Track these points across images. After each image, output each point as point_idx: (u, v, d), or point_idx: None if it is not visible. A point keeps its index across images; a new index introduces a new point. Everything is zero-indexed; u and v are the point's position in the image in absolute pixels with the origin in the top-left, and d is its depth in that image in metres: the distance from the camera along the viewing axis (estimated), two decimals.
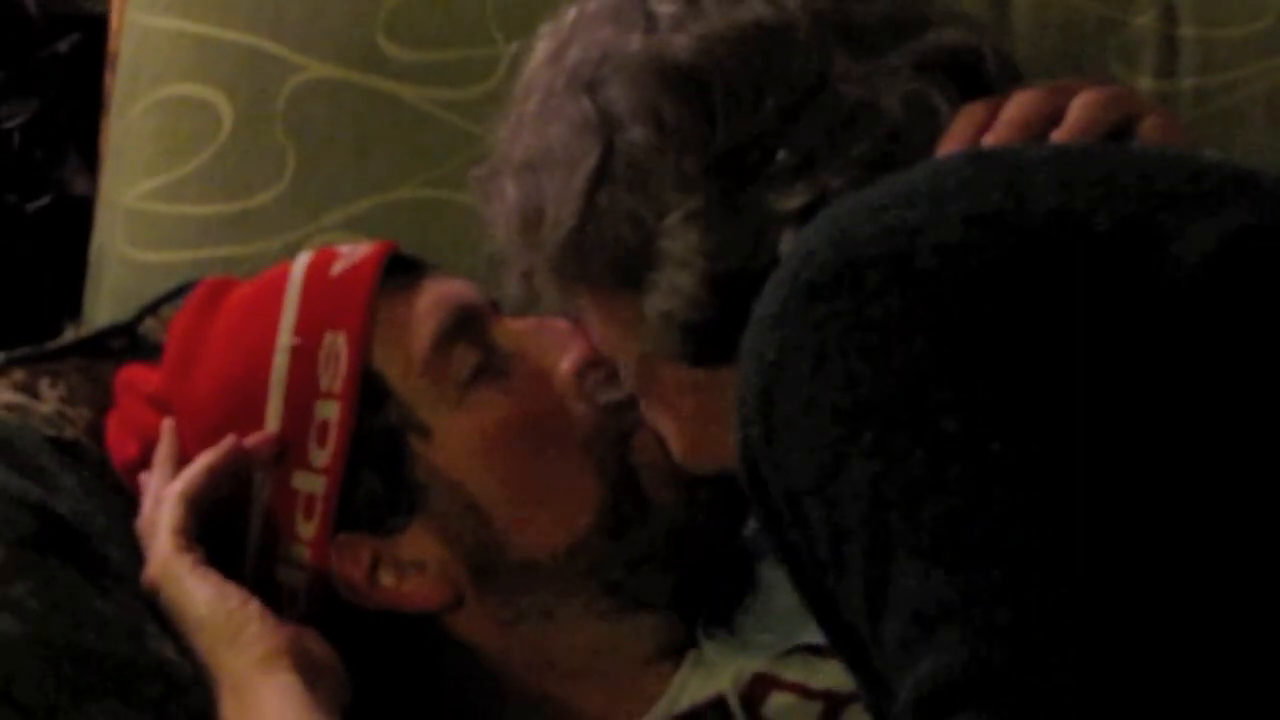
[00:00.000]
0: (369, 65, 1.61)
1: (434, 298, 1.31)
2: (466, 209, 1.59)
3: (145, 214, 1.62)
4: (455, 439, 1.27)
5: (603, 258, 1.15)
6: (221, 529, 1.28)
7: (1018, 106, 1.09)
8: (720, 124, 1.12)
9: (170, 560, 1.25)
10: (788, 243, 1.09)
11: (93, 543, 1.24)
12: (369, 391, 1.28)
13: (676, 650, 1.30)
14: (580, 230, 1.15)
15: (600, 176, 1.14)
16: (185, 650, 1.21)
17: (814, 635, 1.25)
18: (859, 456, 0.88)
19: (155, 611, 1.23)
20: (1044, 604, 0.84)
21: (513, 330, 1.31)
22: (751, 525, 1.33)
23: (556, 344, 1.29)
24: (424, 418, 1.28)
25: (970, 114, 1.10)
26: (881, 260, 0.91)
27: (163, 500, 1.28)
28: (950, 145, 1.09)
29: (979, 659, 0.84)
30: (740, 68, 1.12)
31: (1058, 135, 1.07)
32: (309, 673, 1.20)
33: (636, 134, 1.13)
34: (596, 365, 1.27)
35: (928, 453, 0.87)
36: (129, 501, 1.32)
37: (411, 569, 1.29)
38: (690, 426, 1.20)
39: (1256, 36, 1.54)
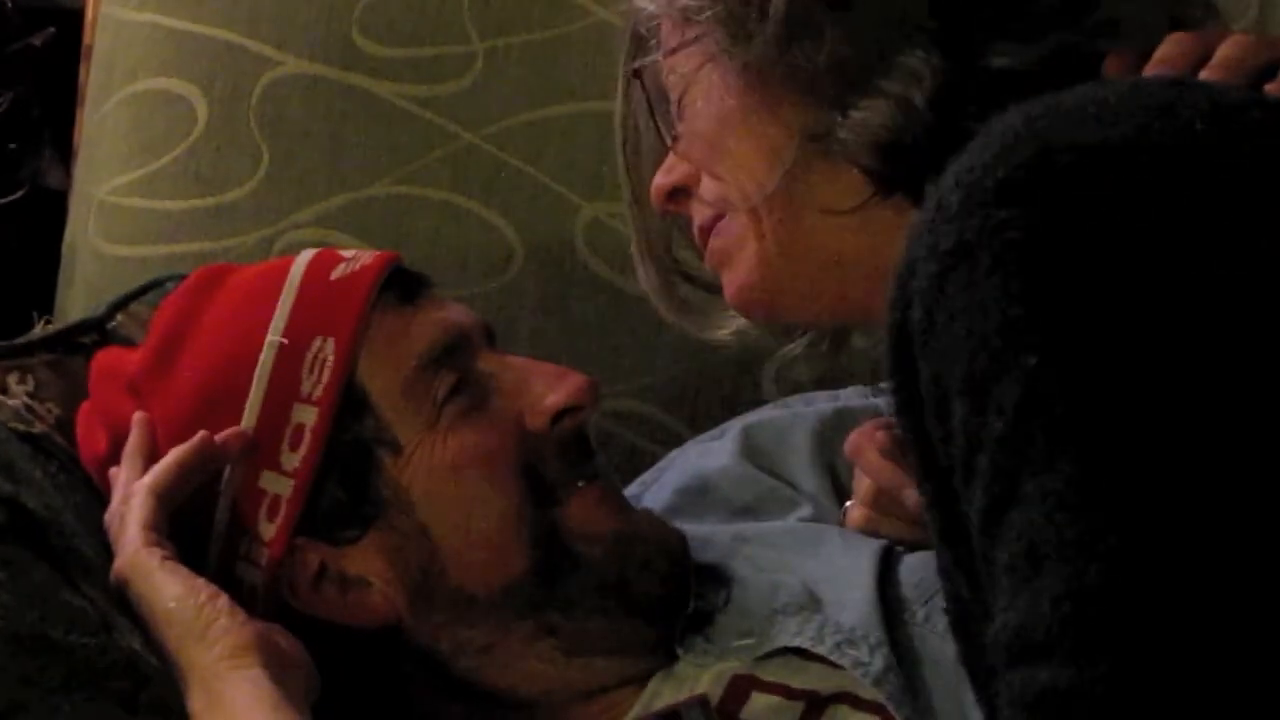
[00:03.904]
0: (344, 61, 1.61)
1: (429, 319, 1.30)
2: (439, 205, 1.59)
3: (119, 208, 1.62)
4: (422, 460, 1.27)
5: (820, 62, 1.14)
6: (186, 523, 1.28)
7: (1234, 45, 1.07)
8: None
9: (140, 554, 1.24)
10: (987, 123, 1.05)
11: (62, 536, 1.24)
12: (349, 402, 1.28)
13: (639, 680, 1.28)
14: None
15: None
16: (153, 644, 1.21)
17: (794, 638, 1.25)
18: (1013, 376, 0.87)
19: (124, 605, 1.23)
20: (1151, 577, 0.83)
21: (500, 363, 1.31)
22: (709, 533, 1.33)
23: (543, 383, 1.29)
24: (397, 435, 1.27)
25: (1178, 42, 1.09)
26: (1076, 176, 0.89)
27: (132, 494, 1.27)
28: (1154, 69, 1.08)
29: (1072, 614, 0.84)
30: None
31: (1208, 72, 1.06)
32: (277, 667, 1.20)
33: None
34: (577, 411, 1.27)
35: (1077, 399, 0.86)
36: (97, 496, 1.32)
37: (355, 584, 1.28)
38: (768, 259, 1.20)
39: None
